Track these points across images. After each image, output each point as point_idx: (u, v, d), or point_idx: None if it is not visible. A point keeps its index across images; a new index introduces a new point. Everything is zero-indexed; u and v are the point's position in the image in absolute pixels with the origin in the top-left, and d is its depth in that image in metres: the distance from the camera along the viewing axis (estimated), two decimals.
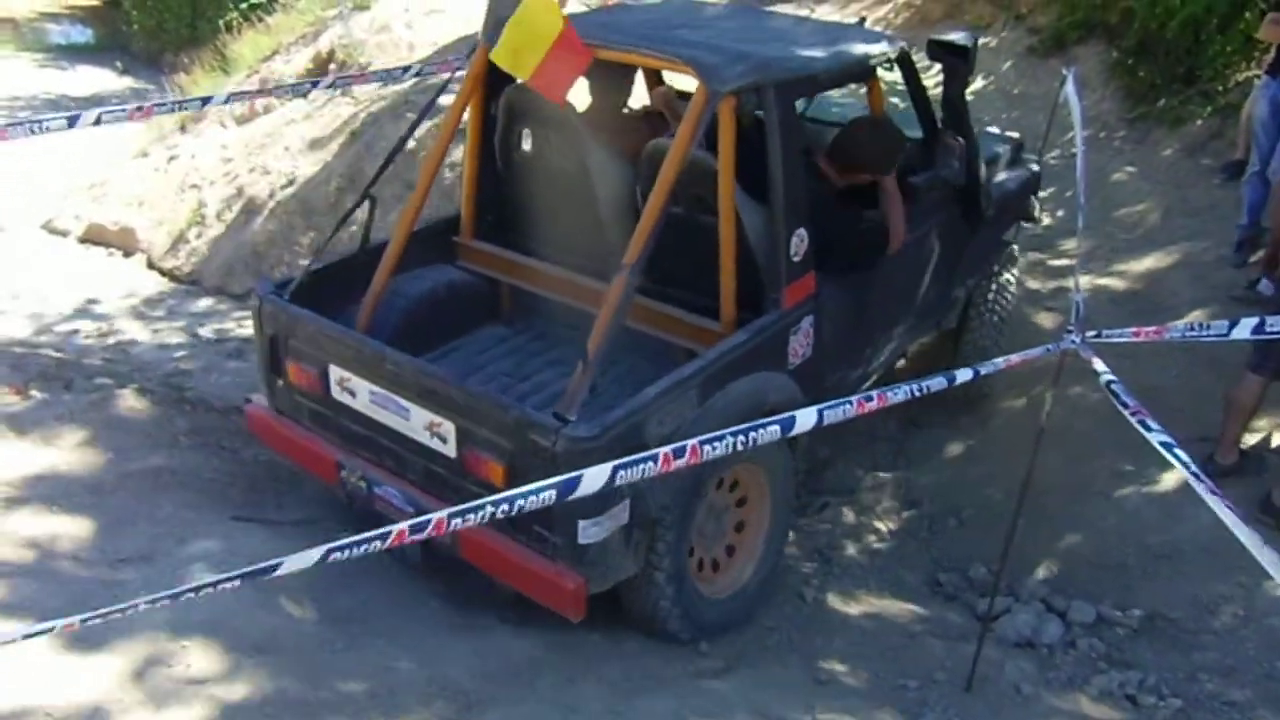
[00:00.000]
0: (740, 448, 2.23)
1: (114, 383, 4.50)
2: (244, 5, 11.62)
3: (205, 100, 4.14)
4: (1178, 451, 2.47)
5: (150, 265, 7.37)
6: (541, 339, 3.95)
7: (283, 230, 6.84)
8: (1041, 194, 6.33)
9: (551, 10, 2.89)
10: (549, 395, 3.49)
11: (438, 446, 3.08)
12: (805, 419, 2.35)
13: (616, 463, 2.06)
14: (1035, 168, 4.98)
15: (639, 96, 4.28)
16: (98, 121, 3.92)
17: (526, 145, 3.77)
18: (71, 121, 3.73)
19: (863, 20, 4.87)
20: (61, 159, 9.03)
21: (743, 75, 3.16)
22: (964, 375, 2.79)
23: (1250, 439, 4.33)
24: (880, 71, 3.83)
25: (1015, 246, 4.90)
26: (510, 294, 4.01)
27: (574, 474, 1.98)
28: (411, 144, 6.69)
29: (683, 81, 3.80)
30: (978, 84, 7.74)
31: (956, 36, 4.02)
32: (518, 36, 2.86)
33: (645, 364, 3.35)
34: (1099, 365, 2.87)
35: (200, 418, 4.01)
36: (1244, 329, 2.88)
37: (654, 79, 4.11)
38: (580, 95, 3.63)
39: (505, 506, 1.91)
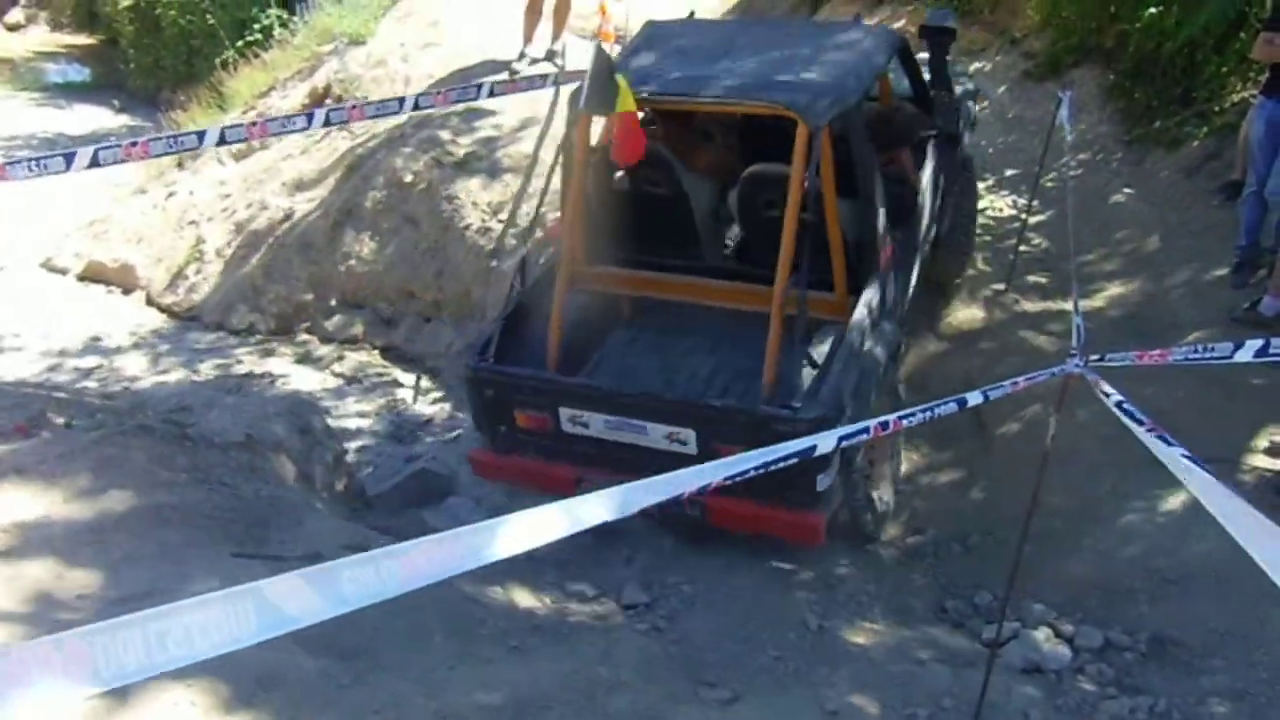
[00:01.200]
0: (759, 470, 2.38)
1: (115, 420, 4.49)
2: (240, 43, 11.68)
3: (201, 136, 4.14)
4: (1200, 466, 2.46)
5: (149, 302, 7.37)
6: (662, 333, 4.61)
7: (281, 265, 6.85)
8: (1039, 216, 6.40)
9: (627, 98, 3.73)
10: (703, 381, 4.33)
11: (678, 449, 3.84)
12: (825, 444, 2.44)
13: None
14: (970, 85, 6.07)
15: None
16: (95, 161, 3.93)
17: (617, 181, 4.52)
18: (68, 160, 3.72)
19: (858, 17, 5.44)
20: (61, 196, 9.06)
21: (831, 108, 3.83)
22: (974, 398, 2.86)
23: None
24: None
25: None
26: (623, 303, 4.73)
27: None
28: (409, 178, 6.77)
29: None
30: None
31: (943, 20, 5.23)
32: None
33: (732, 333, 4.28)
34: (1106, 388, 2.87)
35: (201, 454, 3.99)
36: (1248, 351, 2.89)
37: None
38: None
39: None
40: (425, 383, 6.08)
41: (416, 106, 5.33)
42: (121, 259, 7.75)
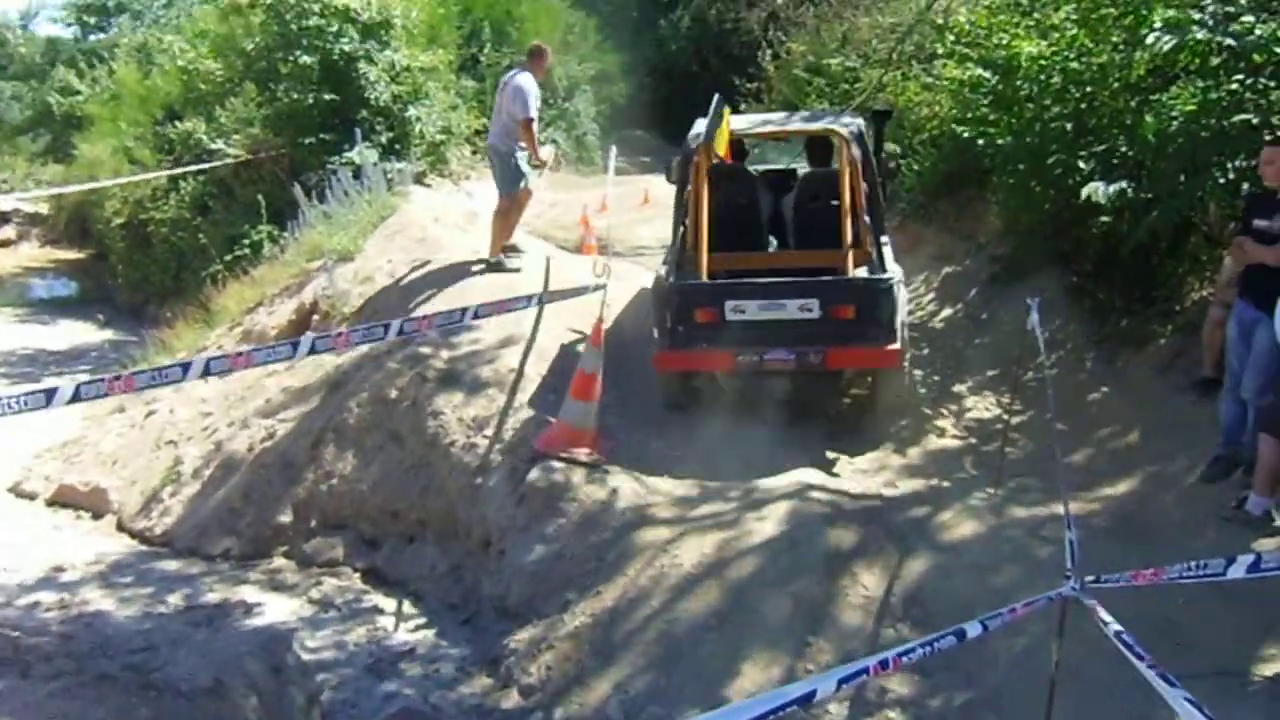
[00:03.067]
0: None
1: (75, 665, 4.26)
2: (229, 258, 11.97)
3: (185, 368, 4.16)
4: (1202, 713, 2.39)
5: (120, 527, 7.17)
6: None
7: (260, 486, 6.73)
8: (1021, 417, 6.45)
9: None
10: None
11: (806, 315, 6.03)
12: (824, 687, 2.46)
13: None
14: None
15: None
16: (76, 396, 3.93)
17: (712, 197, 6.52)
18: (49, 397, 3.74)
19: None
20: (37, 414, 8.97)
21: (857, 134, 6.64)
22: (973, 629, 2.83)
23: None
24: None
25: None
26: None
27: None
28: (393, 394, 6.79)
29: None
30: (947, 311, 8.00)
31: (884, 108, 7.87)
32: (719, 137, 6.03)
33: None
34: (1104, 615, 2.85)
35: (166, 705, 3.75)
36: (1240, 567, 2.95)
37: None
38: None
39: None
40: (408, 608, 5.86)
41: (401, 332, 5.40)
42: (93, 482, 7.60)
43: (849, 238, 6.28)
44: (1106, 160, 6.77)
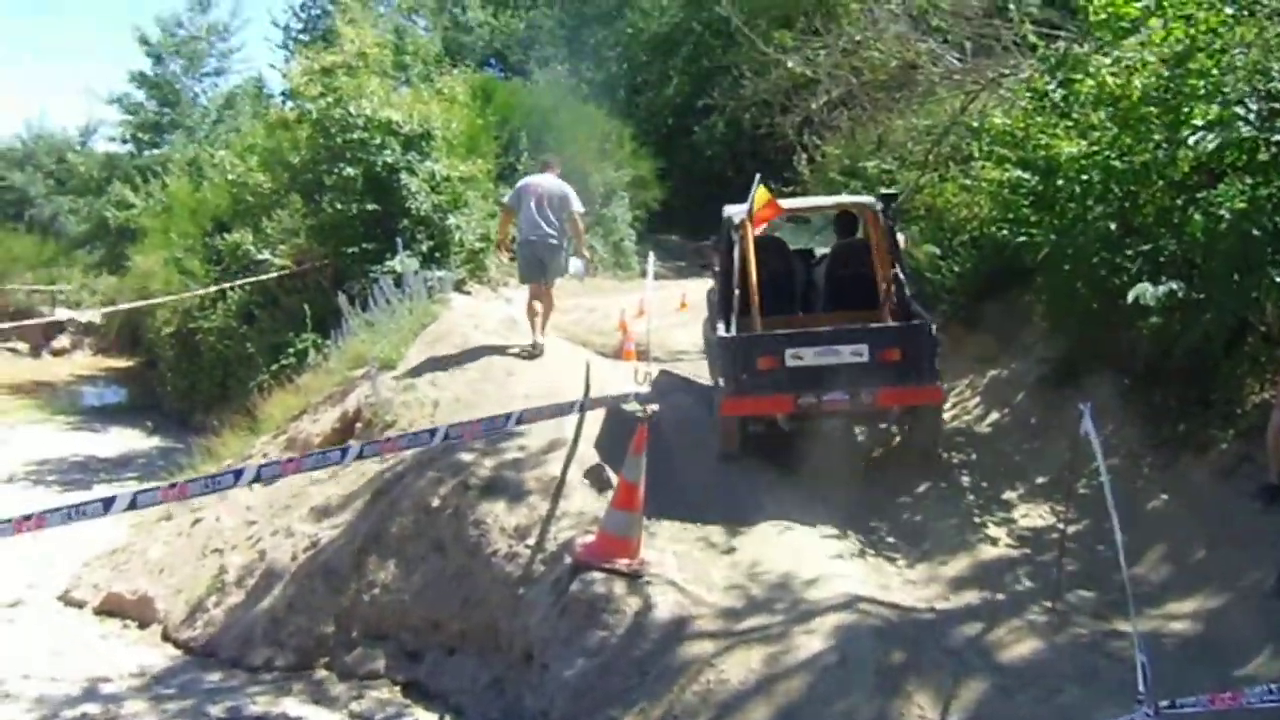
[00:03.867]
0: None
1: None
2: (274, 367, 12.15)
3: (237, 475, 4.22)
4: None
5: (165, 637, 7.16)
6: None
7: (304, 596, 6.68)
8: (1076, 526, 6.24)
9: (765, 197, 7.21)
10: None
11: (856, 359, 6.72)
12: None
13: None
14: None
15: None
16: (133, 504, 4.01)
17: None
18: (107, 506, 3.84)
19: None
20: (88, 522, 9.06)
21: (883, 207, 7.69)
22: None
23: None
24: None
25: None
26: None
27: None
28: (436, 502, 6.76)
29: None
30: (994, 415, 7.87)
31: (890, 191, 8.69)
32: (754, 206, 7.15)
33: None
34: None
35: None
36: None
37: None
38: None
39: None
40: None
41: (446, 437, 5.44)
42: (140, 591, 7.62)
43: (884, 290, 7.38)
44: (1154, 259, 6.65)
